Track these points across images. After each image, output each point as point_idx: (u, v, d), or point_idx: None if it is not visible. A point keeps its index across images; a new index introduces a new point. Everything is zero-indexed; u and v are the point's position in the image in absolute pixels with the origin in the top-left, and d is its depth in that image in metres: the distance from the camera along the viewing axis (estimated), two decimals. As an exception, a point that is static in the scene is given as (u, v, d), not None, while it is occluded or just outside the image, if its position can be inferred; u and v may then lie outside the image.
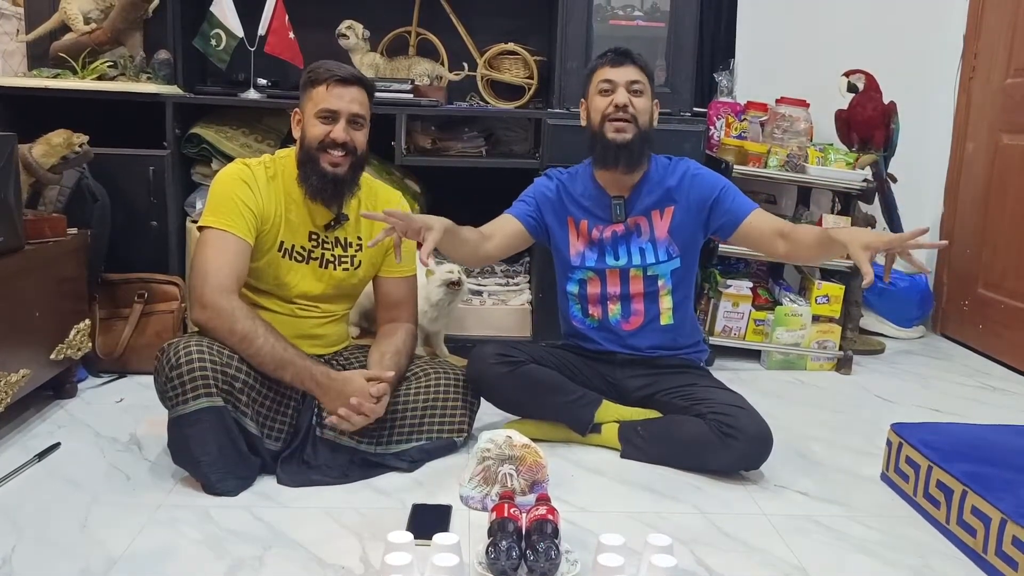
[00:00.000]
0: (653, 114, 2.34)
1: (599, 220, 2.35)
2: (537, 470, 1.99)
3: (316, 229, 2.18)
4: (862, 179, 3.12)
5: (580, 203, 2.37)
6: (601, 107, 2.29)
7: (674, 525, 1.87)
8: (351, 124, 2.10)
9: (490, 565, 1.63)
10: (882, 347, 3.47)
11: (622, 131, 2.26)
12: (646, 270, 2.33)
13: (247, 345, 1.98)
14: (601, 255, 2.35)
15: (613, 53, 2.32)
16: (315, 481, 2.02)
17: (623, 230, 2.34)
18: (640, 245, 2.34)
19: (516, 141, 3.29)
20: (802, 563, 1.77)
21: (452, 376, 2.25)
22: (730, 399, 2.22)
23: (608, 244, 2.35)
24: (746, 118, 3.28)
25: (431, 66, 3.24)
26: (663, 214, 2.33)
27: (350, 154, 2.10)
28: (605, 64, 2.31)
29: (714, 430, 2.14)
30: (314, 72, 2.10)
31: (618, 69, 2.29)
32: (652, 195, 2.34)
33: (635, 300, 2.35)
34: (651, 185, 2.34)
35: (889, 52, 3.52)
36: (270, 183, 2.12)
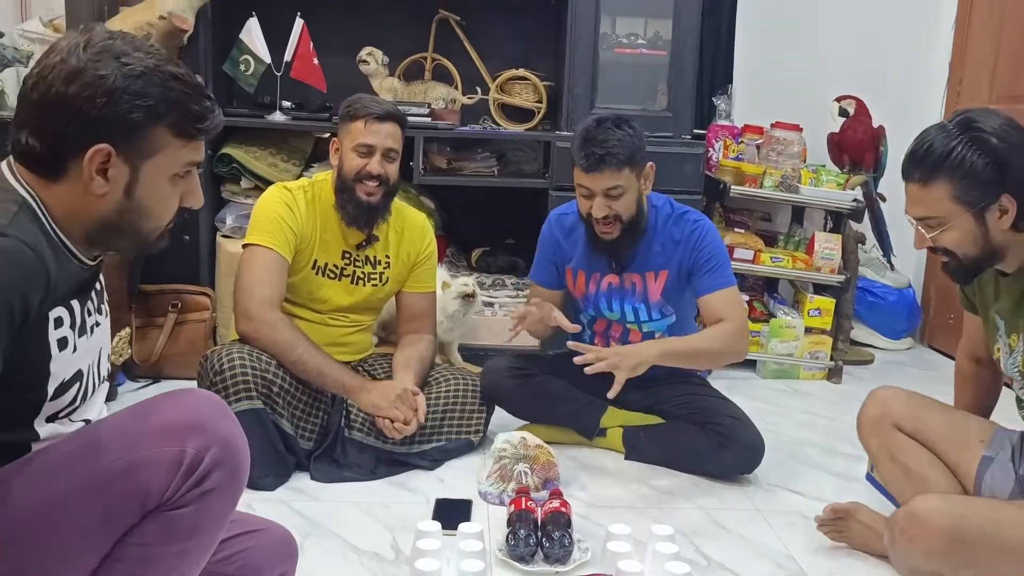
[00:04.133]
0: (645, 187, 2.28)
1: (595, 269, 2.40)
2: (549, 468, 2.16)
3: (349, 249, 2.37)
4: (852, 199, 3.30)
5: (579, 250, 2.41)
6: (584, 208, 2.26)
7: (676, 519, 2.05)
8: (385, 157, 2.28)
9: (510, 552, 1.81)
10: (872, 358, 3.64)
11: (607, 233, 2.26)
12: (641, 326, 2.43)
13: (289, 353, 2.17)
14: (597, 308, 2.43)
15: (587, 158, 2.16)
16: (345, 478, 2.20)
17: (618, 283, 2.38)
18: (634, 304, 2.38)
19: (526, 161, 3.47)
20: (792, 553, 1.95)
21: (469, 382, 2.43)
22: (726, 409, 2.38)
23: (603, 295, 2.40)
24: (743, 141, 3.46)
25: (446, 90, 3.42)
26: (657, 276, 2.35)
27: (383, 184, 2.28)
28: (579, 167, 2.20)
29: (710, 438, 2.31)
30: (352, 108, 2.28)
31: (593, 175, 2.18)
32: (649, 254, 2.35)
33: (633, 342, 2.42)
34: (648, 243, 2.34)
35: (879, 79, 3.68)
36: (308, 206, 2.31)
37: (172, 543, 1.09)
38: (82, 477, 1.05)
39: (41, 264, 1.06)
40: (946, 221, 1.57)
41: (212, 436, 1.09)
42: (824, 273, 3.30)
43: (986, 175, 1.52)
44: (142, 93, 1.09)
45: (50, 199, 1.12)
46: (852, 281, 3.33)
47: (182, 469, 1.06)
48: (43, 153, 1.10)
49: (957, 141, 1.53)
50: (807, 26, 3.79)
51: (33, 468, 1.07)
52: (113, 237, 1.17)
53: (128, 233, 1.17)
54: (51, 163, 1.10)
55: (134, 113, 1.09)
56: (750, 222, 3.55)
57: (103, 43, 1.10)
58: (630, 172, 2.20)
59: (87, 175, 1.10)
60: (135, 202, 1.14)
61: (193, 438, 1.08)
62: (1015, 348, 1.68)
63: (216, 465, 1.09)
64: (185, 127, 1.14)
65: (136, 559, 1.08)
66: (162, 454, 1.06)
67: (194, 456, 1.07)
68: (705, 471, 2.34)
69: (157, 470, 1.05)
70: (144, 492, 1.05)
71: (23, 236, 1.05)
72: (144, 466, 1.05)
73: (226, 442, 1.11)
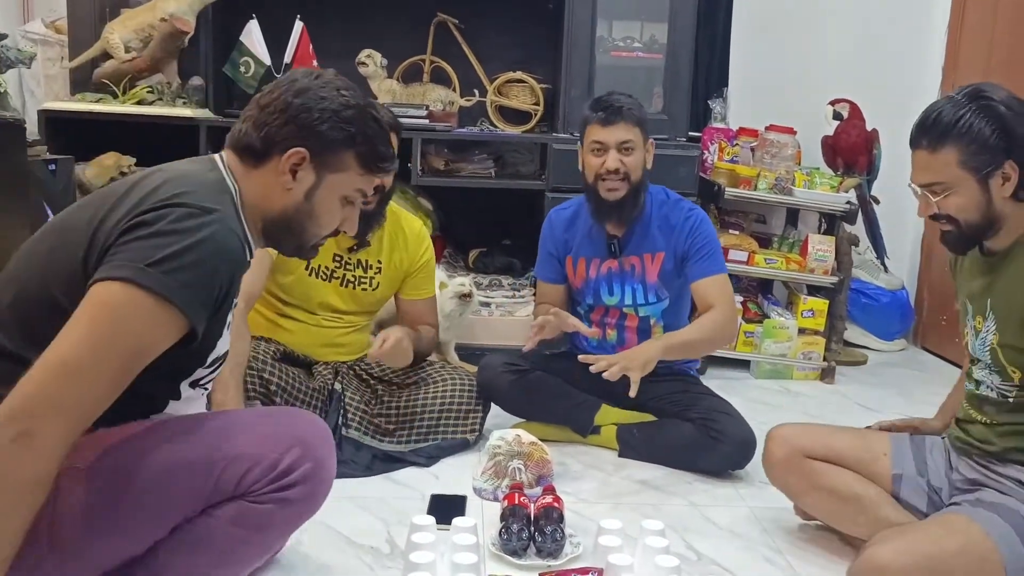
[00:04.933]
0: (647, 159, 2.40)
1: (596, 255, 2.49)
2: (543, 465, 2.19)
3: (340, 252, 2.39)
4: (846, 201, 3.33)
5: (579, 239, 2.51)
6: (594, 166, 2.37)
7: (666, 514, 2.07)
8: None
9: (503, 546, 1.84)
10: (865, 359, 3.67)
11: (615, 190, 2.35)
12: (638, 310, 2.49)
13: None
14: (596, 294, 2.50)
15: (604, 111, 2.33)
16: (342, 474, 2.19)
17: (617, 267, 2.48)
18: (632, 285, 2.46)
19: (523, 163, 3.50)
20: (781, 549, 1.98)
21: (466, 382, 2.46)
22: (717, 405, 2.42)
23: (603, 280, 2.49)
24: (738, 143, 3.49)
25: (444, 92, 3.45)
26: (654, 258, 2.44)
27: (379, 191, 2.29)
28: (596, 122, 2.35)
29: (702, 434, 2.35)
30: None
31: (608, 129, 2.32)
32: (647, 236, 2.44)
33: (629, 331, 2.52)
34: (645, 224, 2.44)
35: (872, 82, 3.71)
36: None
37: (240, 528, 1.26)
38: (201, 453, 1.23)
39: (243, 253, 1.30)
40: (952, 187, 1.62)
41: (309, 455, 1.28)
42: (818, 275, 3.33)
43: (992, 142, 1.58)
44: (348, 120, 1.34)
45: (247, 185, 1.35)
46: (845, 283, 3.36)
47: (274, 473, 1.25)
48: (256, 143, 1.33)
49: (965, 109, 1.59)
50: (802, 30, 3.82)
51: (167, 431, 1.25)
52: (283, 232, 1.39)
53: (296, 232, 1.39)
54: (259, 153, 1.34)
55: (335, 133, 1.33)
56: (744, 224, 3.59)
57: (331, 79, 1.37)
58: (640, 133, 2.35)
59: (282, 168, 1.33)
60: (310, 205, 1.37)
61: (293, 451, 1.26)
62: (980, 330, 1.72)
63: (303, 480, 1.27)
64: (368, 160, 1.38)
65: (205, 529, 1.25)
66: (263, 456, 1.24)
67: (288, 466, 1.25)
68: (698, 467, 2.37)
69: (255, 467, 1.24)
70: (239, 480, 1.23)
71: (235, 227, 1.27)
72: (248, 459, 1.24)
73: (318, 463, 1.30)
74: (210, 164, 1.37)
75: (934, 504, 1.82)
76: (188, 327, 1.20)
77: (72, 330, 1.14)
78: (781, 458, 1.97)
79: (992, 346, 1.69)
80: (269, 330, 2.38)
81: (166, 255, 1.16)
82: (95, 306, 1.15)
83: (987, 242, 1.73)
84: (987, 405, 1.75)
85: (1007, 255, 1.68)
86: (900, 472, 1.87)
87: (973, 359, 1.77)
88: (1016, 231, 1.66)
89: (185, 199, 1.22)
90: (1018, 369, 1.65)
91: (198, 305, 1.20)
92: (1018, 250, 1.66)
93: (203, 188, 1.27)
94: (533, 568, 1.78)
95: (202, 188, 1.27)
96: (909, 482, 1.85)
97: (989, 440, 1.74)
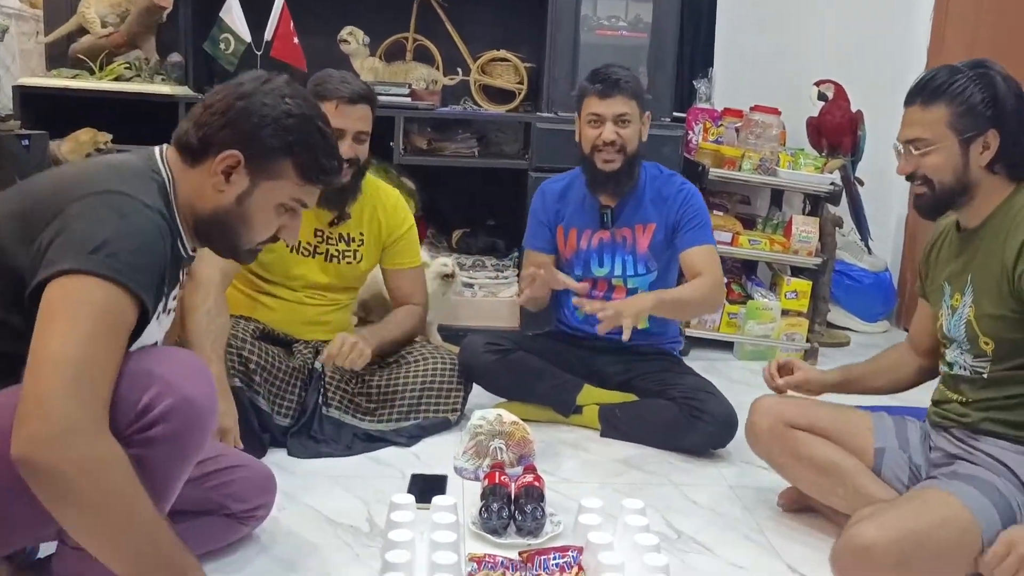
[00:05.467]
0: (643, 131, 2.43)
1: (587, 226, 2.50)
2: (525, 445, 2.19)
3: (321, 226, 2.37)
4: (830, 183, 3.33)
5: (571, 210, 2.52)
6: (590, 138, 2.39)
7: (647, 494, 2.07)
8: (356, 140, 2.26)
9: (483, 524, 1.84)
10: (848, 340, 3.68)
11: (610, 162, 2.38)
12: (627, 281, 2.50)
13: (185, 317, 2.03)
14: (586, 265, 2.51)
15: (601, 83, 2.36)
16: (323, 453, 2.22)
17: (609, 238, 2.49)
18: (623, 256, 2.49)
19: (507, 143, 3.48)
20: (761, 527, 1.98)
21: (448, 361, 2.44)
22: (700, 384, 2.43)
23: (594, 251, 2.51)
24: (722, 124, 3.48)
25: (427, 71, 3.42)
26: (645, 229, 2.47)
27: (353, 165, 2.27)
28: (593, 94, 2.37)
29: (684, 413, 2.35)
30: (322, 87, 2.21)
31: (606, 101, 2.35)
32: (639, 207, 2.47)
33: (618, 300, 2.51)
34: (638, 196, 2.47)
35: (857, 64, 3.71)
36: None
37: None
38: None
39: (172, 241, 1.29)
40: (934, 144, 1.65)
41: (169, 392, 1.20)
42: (801, 256, 3.33)
43: (980, 108, 1.63)
44: (287, 129, 1.33)
45: (182, 181, 1.35)
46: (829, 264, 3.36)
47: (134, 414, 1.19)
48: (193, 142, 1.33)
49: (963, 75, 1.65)
50: (787, 11, 3.81)
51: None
52: (214, 233, 1.38)
53: (228, 234, 1.38)
54: (196, 152, 1.34)
55: (273, 140, 1.33)
56: (729, 205, 3.58)
57: (280, 85, 1.36)
58: (637, 106, 2.39)
59: (215, 170, 1.32)
60: (242, 210, 1.36)
61: (151, 389, 1.20)
62: (957, 307, 1.73)
63: (163, 418, 1.20)
64: (307, 171, 1.37)
65: None
66: (123, 398, 1.18)
67: (146, 405, 1.19)
68: (680, 446, 2.37)
69: (117, 410, 1.17)
70: None
71: (163, 211, 1.28)
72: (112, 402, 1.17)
73: (185, 399, 1.21)
74: (146, 156, 1.37)
75: (916, 478, 1.83)
76: (140, 308, 1.20)
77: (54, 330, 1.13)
78: (765, 428, 1.98)
79: (968, 319, 1.71)
80: (249, 308, 2.36)
81: (102, 241, 1.17)
82: (64, 302, 1.15)
83: (961, 219, 1.76)
84: (963, 384, 1.77)
85: (982, 228, 1.71)
86: (882, 446, 1.88)
87: (946, 341, 1.79)
88: (989, 206, 1.69)
89: (107, 187, 1.23)
90: (991, 339, 1.67)
91: (147, 287, 1.20)
92: (992, 223, 1.69)
93: (127, 177, 1.28)
94: (513, 547, 1.78)
95: (125, 177, 1.28)
96: (891, 457, 1.86)
97: (966, 414, 1.76)
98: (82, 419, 1.09)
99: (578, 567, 1.64)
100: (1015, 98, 1.65)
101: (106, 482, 1.11)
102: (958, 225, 1.79)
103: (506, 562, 1.66)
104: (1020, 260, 1.60)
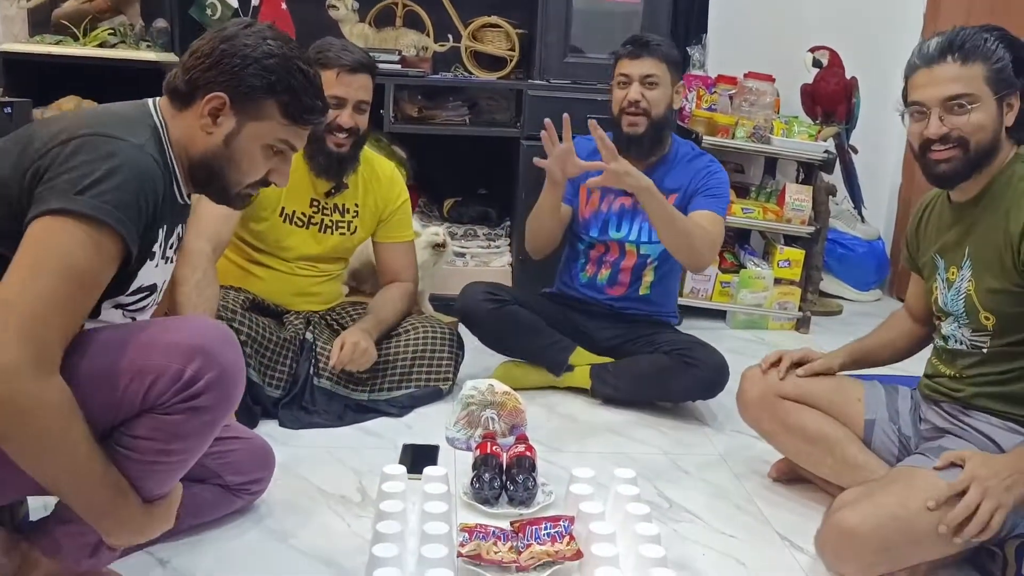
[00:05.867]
0: (673, 99, 2.43)
1: (611, 190, 2.45)
2: (516, 415, 2.18)
3: (317, 197, 2.35)
4: (823, 150, 3.30)
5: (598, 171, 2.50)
6: (619, 99, 2.41)
7: (639, 463, 2.08)
8: (356, 109, 2.23)
9: (475, 495, 1.84)
10: (840, 309, 3.69)
11: (634, 125, 2.38)
12: (639, 247, 2.50)
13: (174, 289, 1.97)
14: (604, 227, 2.51)
15: (632, 45, 2.40)
16: (314, 424, 2.21)
17: (631, 203, 2.47)
18: (642, 222, 2.46)
19: (498, 110, 3.44)
20: (752, 496, 1.99)
21: (439, 331, 2.43)
22: (692, 339, 2.47)
23: (615, 214, 2.50)
24: (716, 91, 3.45)
25: (417, 37, 3.37)
26: (667, 198, 2.40)
27: (352, 135, 2.25)
28: (624, 56, 2.40)
29: (677, 361, 2.37)
30: (323, 55, 2.19)
31: (635, 62, 2.38)
32: (665, 177, 2.43)
33: (623, 272, 2.52)
34: (666, 168, 2.45)
35: (852, 30, 3.67)
36: None
37: (156, 441, 1.26)
38: (103, 367, 1.23)
39: (164, 179, 1.31)
40: (978, 100, 1.61)
41: (213, 361, 1.26)
42: (795, 224, 3.32)
43: (1009, 69, 1.60)
44: (269, 69, 1.35)
45: (174, 126, 1.37)
46: (822, 233, 3.35)
47: (179, 383, 1.24)
48: (181, 86, 1.37)
49: (989, 34, 1.62)
50: (782, -24, 3.76)
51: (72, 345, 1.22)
52: (205, 175, 1.40)
53: (217, 176, 1.40)
54: (184, 96, 1.37)
55: (255, 80, 1.35)
56: (722, 173, 3.55)
57: (262, 28, 1.39)
58: (667, 70, 2.39)
59: (202, 112, 1.35)
60: (229, 151, 1.38)
61: (196, 360, 1.25)
62: (954, 280, 1.71)
63: (209, 387, 1.26)
64: (292, 110, 1.39)
65: (126, 446, 1.25)
66: (166, 367, 1.23)
67: (192, 375, 1.24)
68: (671, 394, 2.41)
69: (159, 380, 1.23)
70: (144, 394, 1.23)
71: (154, 154, 1.30)
72: (150, 373, 1.23)
73: (224, 369, 1.28)
74: (140, 104, 1.40)
75: (905, 450, 1.83)
76: (123, 247, 1.23)
77: (18, 272, 1.16)
78: (755, 397, 1.99)
79: (967, 293, 1.68)
80: (239, 278, 2.34)
81: (91, 181, 1.20)
82: (36, 244, 1.18)
83: (954, 194, 1.72)
84: (959, 359, 1.75)
85: (980, 201, 1.68)
86: (873, 418, 1.88)
87: (942, 314, 1.77)
88: (986, 176, 1.66)
89: (96, 130, 1.26)
90: (992, 314, 1.65)
91: (130, 224, 1.22)
92: (992, 193, 1.66)
93: (118, 121, 1.30)
94: (504, 517, 1.78)
95: (116, 121, 1.30)
96: (881, 428, 1.87)
97: (959, 388, 1.75)
98: (24, 361, 1.11)
99: (569, 537, 1.64)
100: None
101: (42, 424, 1.14)
102: (948, 197, 1.76)
103: (497, 532, 1.67)
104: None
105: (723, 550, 1.77)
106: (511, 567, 1.58)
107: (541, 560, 1.58)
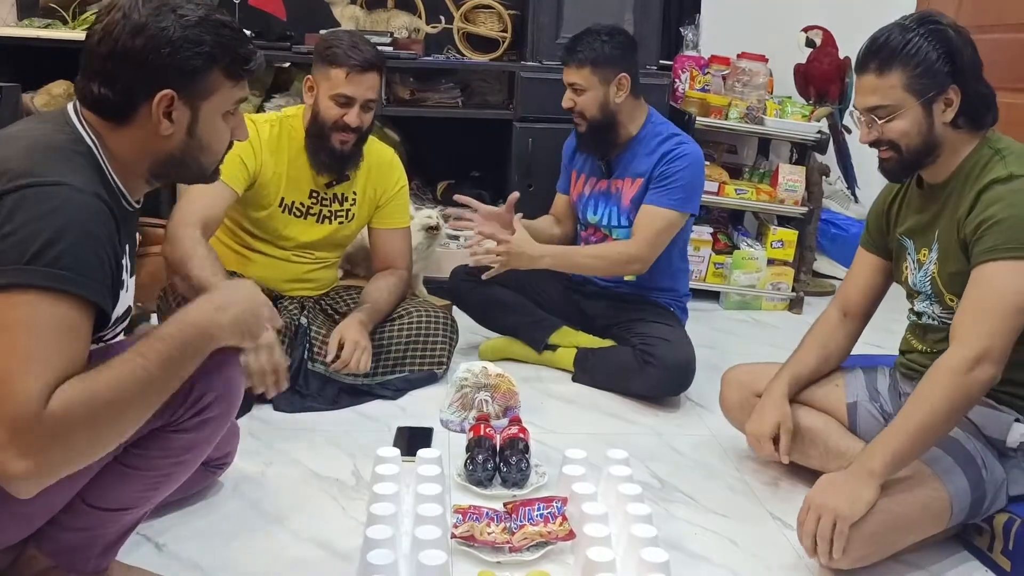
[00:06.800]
0: (613, 94, 2.40)
1: (592, 174, 2.57)
2: (510, 397, 2.19)
3: (317, 188, 2.34)
4: (817, 131, 3.30)
5: (584, 157, 2.60)
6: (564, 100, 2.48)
7: (632, 444, 2.08)
8: (363, 108, 2.22)
9: (468, 476, 1.85)
10: (833, 289, 3.68)
11: (578, 125, 2.48)
12: (612, 231, 2.53)
13: (181, 267, 2.03)
14: (585, 211, 2.58)
15: (564, 51, 2.45)
16: (309, 408, 2.22)
17: (605, 187, 2.53)
18: (612, 207, 2.52)
19: (491, 92, 3.43)
20: (744, 477, 2.00)
21: (433, 314, 2.44)
22: (662, 333, 2.41)
23: (590, 198, 2.56)
24: (709, 71, 3.44)
25: (409, 19, 3.35)
26: (633, 183, 2.47)
27: (356, 133, 2.23)
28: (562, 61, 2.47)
29: (637, 358, 2.37)
30: (333, 52, 2.16)
31: (565, 69, 2.44)
32: (633, 162, 2.47)
33: None
34: (632, 154, 2.48)
35: (845, 9, 3.66)
36: (275, 142, 2.26)
37: (169, 456, 1.31)
38: None
39: (111, 214, 1.19)
40: (896, 110, 1.61)
41: (216, 378, 1.30)
42: (788, 205, 3.32)
43: (938, 66, 1.59)
44: (199, 40, 1.23)
45: (114, 143, 1.26)
46: (815, 213, 3.36)
47: (188, 401, 1.27)
48: (115, 101, 1.23)
49: (913, 33, 1.60)
50: (776, -45, 3.74)
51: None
52: (178, 170, 1.33)
53: (191, 166, 1.33)
54: (121, 110, 1.24)
55: (194, 60, 1.24)
56: (716, 154, 3.56)
57: (158, 2, 1.22)
58: (591, 74, 2.38)
59: (155, 118, 1.24)
60: (196, 139, 1.30)
61: (202, 379, 1.26)
62: (924, 262, 1.73)
63: (217, 400, 1.30)
64: (235, 69, 1.30)
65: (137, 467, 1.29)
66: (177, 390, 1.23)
67: (201, 393, 1.28)
68: (631, 391, 2.40)
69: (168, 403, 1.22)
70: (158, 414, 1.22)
71: (95, 189, 1.18)
72: None
73: (227, 381, 1.33)
74: (63, 123, 1.25)
75: None
76: (95, 306, 1.16)
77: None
78: (735, 402, 2.03)
79: (933, 275, 1.71)
80: (235, 263, 2.34)
81: (40, 247, 1.09)
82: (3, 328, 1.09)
83: (926, 176, 1.73)
84: (930, 333, 1.78)
85: (947, 186, 1.69)
86: (854, 400, 1.90)
87: (913, 292, 1.79)
88: (955, 160, 1.67)
89: (30, 179, 1.13)
90: (955, 296, 1.67)
91: (96, 284, 1.15)
92: (958, 180, 1.67)
93: (49, 156, 1.17)
94: (498, 498, 1.79)
95: (47, 156, 1.17)
96: (865, 408, 1.88)
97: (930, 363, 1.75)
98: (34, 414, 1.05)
99: (562, 517, 1.65)
100: (971, 49, 1.61)
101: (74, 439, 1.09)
102: (919, 181, 1.76)
103: (491, 513, 1.68)
104: (970, 214, 1.60)
105: (715, 530, 1.78)
106: (504, 547, 1.59)
107: (534, 540, 1.60)
